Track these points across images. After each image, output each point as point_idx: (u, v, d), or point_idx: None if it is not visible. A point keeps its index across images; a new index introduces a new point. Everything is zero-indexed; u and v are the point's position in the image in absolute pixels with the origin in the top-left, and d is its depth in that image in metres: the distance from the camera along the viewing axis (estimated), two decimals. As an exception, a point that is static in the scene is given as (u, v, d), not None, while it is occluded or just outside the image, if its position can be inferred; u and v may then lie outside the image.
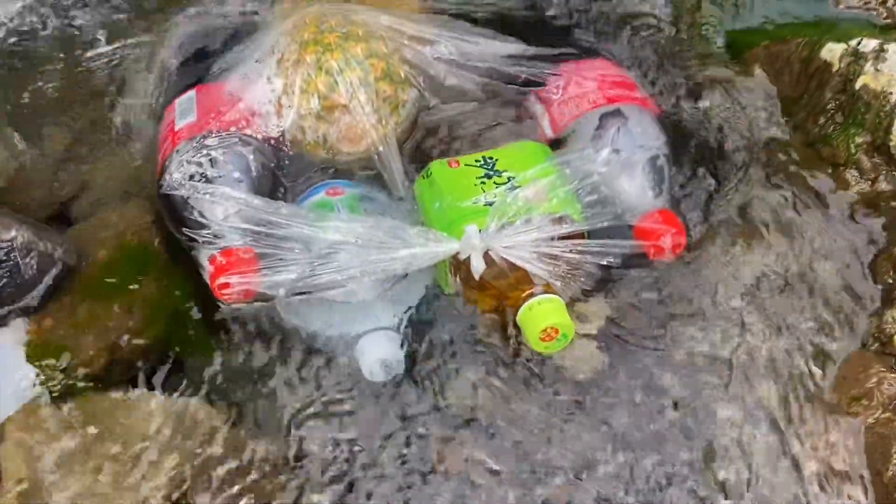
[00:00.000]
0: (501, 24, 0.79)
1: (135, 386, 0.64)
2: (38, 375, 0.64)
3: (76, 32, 0.87)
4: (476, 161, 0.69)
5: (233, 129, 0.67)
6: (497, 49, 0.74)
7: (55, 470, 0.60)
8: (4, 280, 0.63)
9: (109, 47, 0.86)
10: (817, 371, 0.64)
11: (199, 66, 0.78)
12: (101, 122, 0.81)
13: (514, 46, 0.75)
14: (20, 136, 0.81)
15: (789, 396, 0.63)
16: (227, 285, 0.62)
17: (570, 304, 0.63)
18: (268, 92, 0.68)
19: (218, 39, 0.80)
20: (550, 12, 0.81)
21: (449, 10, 0.82)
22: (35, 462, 0.60)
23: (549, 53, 0.75)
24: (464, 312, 0.66)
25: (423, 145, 0.72)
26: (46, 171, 0.79)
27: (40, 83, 0.84)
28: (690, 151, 0.76)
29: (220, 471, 0.61)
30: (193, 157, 0.66)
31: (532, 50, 0.75)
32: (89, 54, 0.84)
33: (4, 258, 0.63)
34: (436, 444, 0.62)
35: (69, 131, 0.81)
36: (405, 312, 0.66)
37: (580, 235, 0.63)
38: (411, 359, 0.64)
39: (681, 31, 0.83)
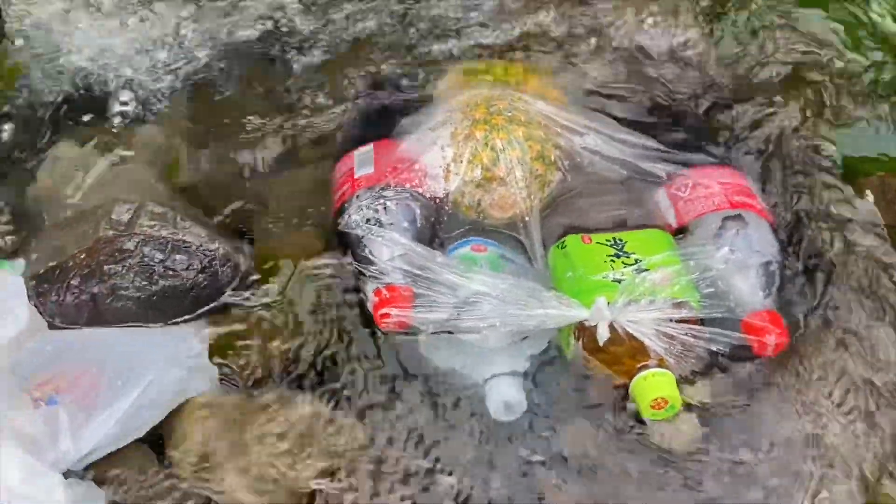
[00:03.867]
0: (641, 124, 0.90)
1: (296, 388, 0.75)
2: (217, 369, 0.75)
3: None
4: (607, 241, 0.79)
5: (407, 185, 0.79)
6: (636, 147, 0.84)
7: (225, 450, 0.71)
8: (205, 283, 0.76)
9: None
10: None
11: (375, 123, 0.91)
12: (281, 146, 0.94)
13: (652, 145, 0.85)
14: (207, 154, 0.94)
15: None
16: (387, 315, 0.73)
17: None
18: (440, 158, 0.80)
19: (393, 102, 0.94)
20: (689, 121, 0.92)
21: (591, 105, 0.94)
22: (210, 441, 0.71)
23: (682, 157, 0.85)
24: (580, 371, 0.76)
25: (560, 220, 0.82)
26: (229, 187, 0.92)
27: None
28: (797, 262, 0.84)
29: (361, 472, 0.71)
30: (371, 203, 0.78)
31: (666, 152, 0.85)
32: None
33: (207, 265, 0.76)
34: (542, 485, 0.71)
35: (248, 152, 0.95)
36: (529, 362, 0.76)
37: (696, 321, 0.72)
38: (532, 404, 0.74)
39: (802, 151, 0.92)
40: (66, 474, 0.68)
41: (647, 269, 0.74)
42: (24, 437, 0.67)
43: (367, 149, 0.85)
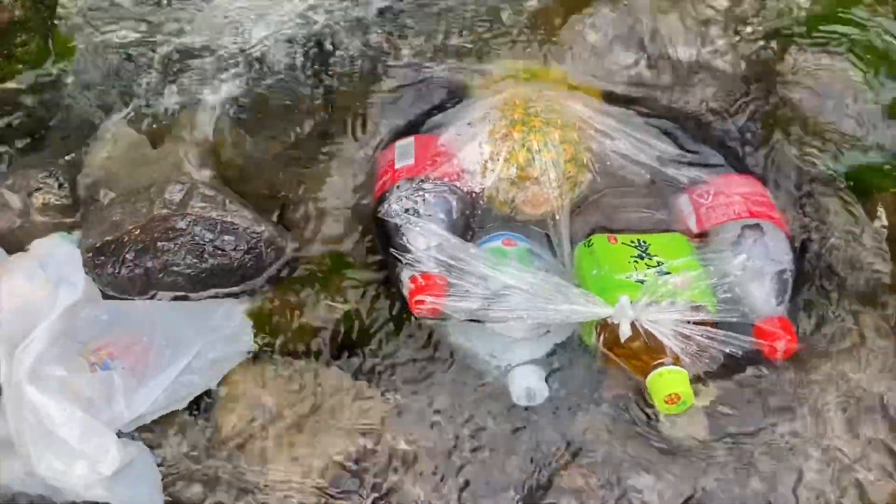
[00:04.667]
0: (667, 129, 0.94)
1: (329, 364, 0.80)
2: (257, 340, 0.81)
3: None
4: (631, 242, 0.83)
5: (446, 178, 0.83)
6: (663, 152, 0.88)
7: (264, 419, 0.76)
8: (251, 262, 0.81)
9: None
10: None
11: (416, 115, 0.95)
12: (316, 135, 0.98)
13: (676, 151, 0.89)
14: (251, 139, 0.98)
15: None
16: (422, 302, 0.77)
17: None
18: (477, 155, 0.84)
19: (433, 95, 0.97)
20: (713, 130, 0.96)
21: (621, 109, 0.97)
22: (249, 410, 0.77)
23: (706, 164, 0.89)
24: (598, 364, 0.80)
25: (588, 220, 0.86)
26: (269, 172, 0.95)
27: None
28: (807, 272, 0.88)
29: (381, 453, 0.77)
30: (411, 194, 0.82)
31: (691, 157, 0.89)
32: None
33: (253, 245, 0.81)
34: (558, 462, 0.76)
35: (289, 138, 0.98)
36: (551, 352, 0.81)
37: (712, 324, 0.77)
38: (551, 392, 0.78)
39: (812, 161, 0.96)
40: (118, 435, 0.73)
41: (668, 272, 0.78)
42: (82, 398, 0.72)
43: (408, 141, 0.89)
